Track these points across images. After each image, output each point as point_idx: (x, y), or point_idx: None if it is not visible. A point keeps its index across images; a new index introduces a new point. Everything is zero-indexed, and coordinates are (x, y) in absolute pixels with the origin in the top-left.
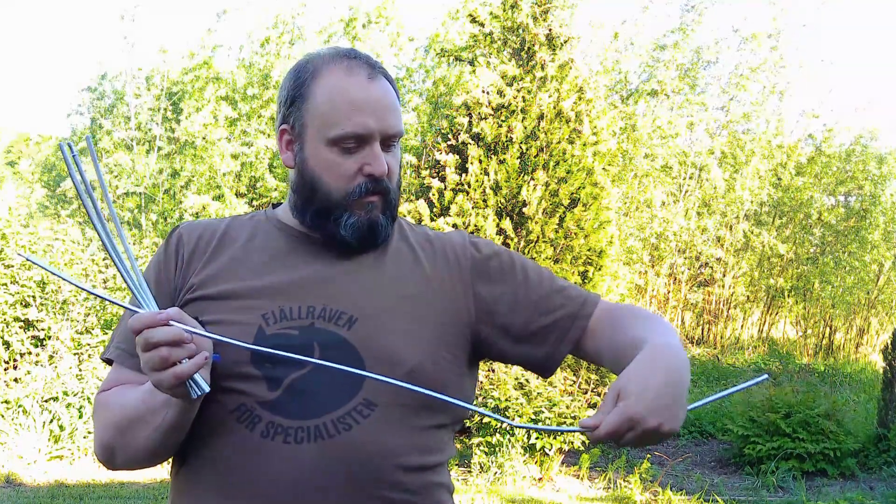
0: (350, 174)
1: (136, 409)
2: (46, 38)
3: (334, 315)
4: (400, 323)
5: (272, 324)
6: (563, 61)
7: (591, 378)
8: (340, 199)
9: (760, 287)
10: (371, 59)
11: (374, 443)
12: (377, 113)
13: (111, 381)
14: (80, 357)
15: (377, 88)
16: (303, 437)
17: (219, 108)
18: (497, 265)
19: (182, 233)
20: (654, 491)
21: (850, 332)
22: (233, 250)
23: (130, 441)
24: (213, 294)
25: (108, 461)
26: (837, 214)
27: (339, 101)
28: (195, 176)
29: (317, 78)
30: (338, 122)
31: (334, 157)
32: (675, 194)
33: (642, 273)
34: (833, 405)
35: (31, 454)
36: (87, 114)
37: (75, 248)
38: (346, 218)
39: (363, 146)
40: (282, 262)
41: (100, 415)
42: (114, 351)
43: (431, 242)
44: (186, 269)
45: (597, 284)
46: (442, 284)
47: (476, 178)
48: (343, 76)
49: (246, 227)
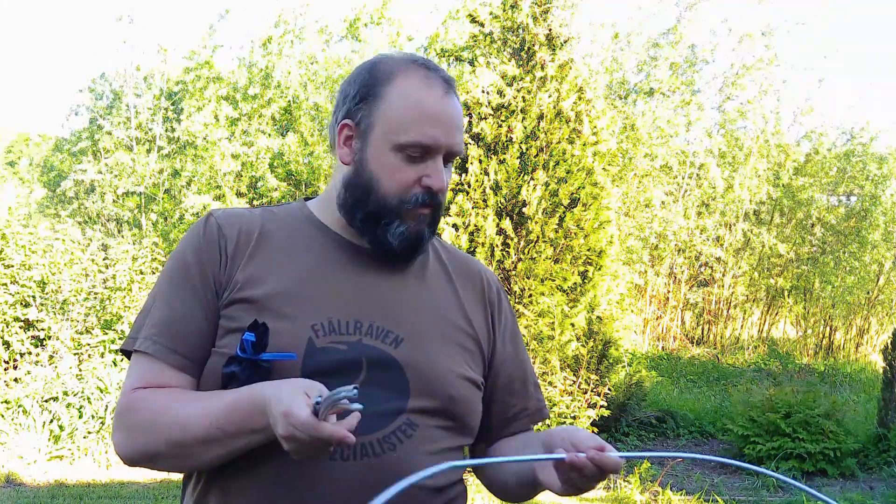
0: (409, 182)
1: (208, 432)
2: (46, 39)
3: (381, 333)
4: (441, 346)
5: (321, 336)
6: (563, 61)
7: (590, 378)
8: (394, 206)
9: (760, 287)
10: (447, 74)
11: (417, 462)
12: (448, 129)
13: (144, 378)
14: (80, 357)
15: (451, 105)
16: (349, 455)
17: (219, 108)
18: (511, 329)
19: (220, 223)
20: (654, 491)
21: (850, 332)
22: (274, 249)
23: (191, 457)
24: (258, 296)
25: (139, 464)
26: (837, 214)
27: (414, 109)
28: (196, 176)
29: (393, 81)
30: (409, 129)
31: (397, 163)
32: (674, 194)
33: (642, 273)
34: (833, 405)
35: (31, 454)
36: (86, 114)
37: (75, 248)
38: (397, 226)
39: (427, 158)
40: (327, 269)
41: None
42: (150, 345)
43: (465, 271)
44: (231, 265)
45: (597, 284)
46: (474, 314)
47: (476, 178)
48: (421, 85)
49: (283, 223)
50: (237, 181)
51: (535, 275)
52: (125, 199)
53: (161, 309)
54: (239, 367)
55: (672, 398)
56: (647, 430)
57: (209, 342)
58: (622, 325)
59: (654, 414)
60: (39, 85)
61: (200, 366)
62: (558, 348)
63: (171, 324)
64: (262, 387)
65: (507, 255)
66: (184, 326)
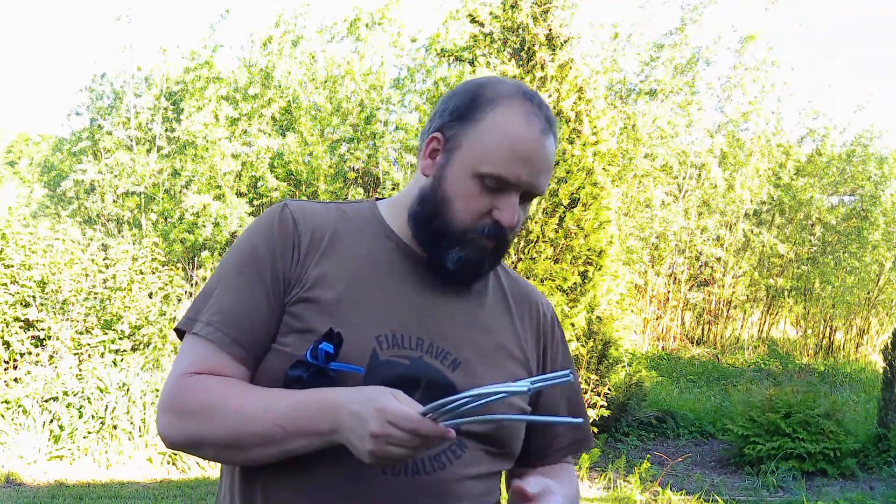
0: (481, 212)
1: (266, 430)
2: (46, 39)
3: (441, 353)
4: (495, 373)
5: (385, 348)
6: (563, 61)
7: (591, 378)
8: (459, 232)
9: (760, 287)
10: (549, 111)
11: (462, 484)
12: (533, 169)
13: (200, 364)
14: (80, 357)
15: (545, 147)
16: (400, 471)
17: (220, 108)
18: (563, 361)
19: (296, 216)
20: (654, 491)
21: (850, 332)
22: (343, 251)
23: (239, 452)
24: (326, 299)
25: (185, 450)
26: (838, 214)
27: (506, 144)
28: (196, 176)
29: (494, 109)
30: (495, 161)
31: (473, 190)
32: (674, 194)
33: (642, 273)
34: (833, 405)
35: (31, 454)
36: (86, 114)
37: (75, 248)
38: (457, 251)
39: (503, 191)
40: (394, 278)
41: (202, 407)
42: (212, 331)
43: (523, 298)
44: (303, 262)
45: (597, 284)
46: (526, 343)
47: None
48: (520, 120)
49: (354, 225)
50: (237, 181)
51: (535, 275)
52: (125, 199)
53: (226, 295)
54: (307, 373)
55: (672, 398)
56: (647, 430)
57: (271, 337)
58: (622, 325)
59: (654, 414)
60: (39, 85)
61: (259, 360)
62: None
63: (236, 313)
64: (335, 390)
65: (506, 256)
66: (248, 318)
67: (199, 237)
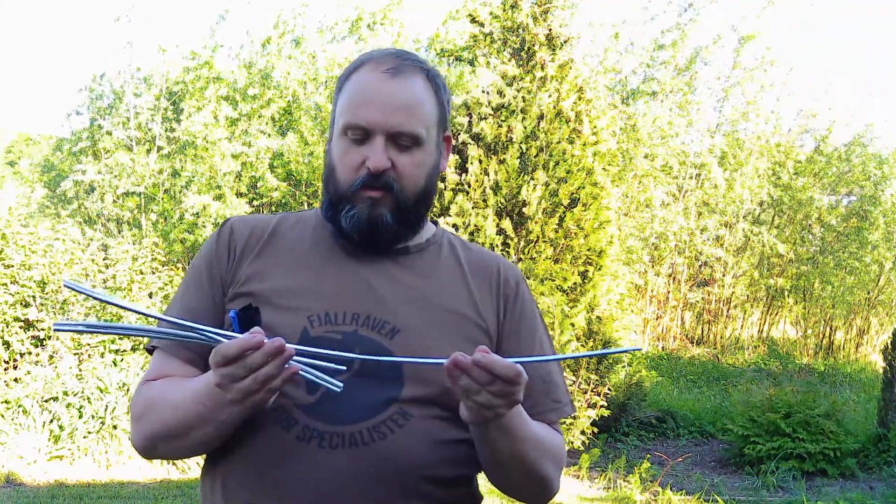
0: (355, 165)
1: (192, 410)
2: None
3: (378, 324)
4: (441, 336)
5: (317, 326)
6: (563, 61)
7: (590, 378)
8: (345, 190)
9: (760, 287)
10: (409, 56)
11: (406, 453)
12: (384, 108)
13: (155, 371)
14: (80, 357)
15: (393, 84)
16: (337, 443)
17: (219, 108)
18: (530, 324)
19: (234, 227)
20: (654, 491)
21: (850, 332)
22: (282, 249)
23: (182, 439)
24: (260, 291)
25: (147, 452)
26: (837, 214)
27: (354, 93)
28: (195, 176)
29: (352, 75)
30: (346, 113)
31: (345, 147)
32: (674, 194)
33: (642, 273)
34: (833, 405)
35: (31, 454)
36: (86, 114)
37: (75, 248)
38: (348, 210)
39: (369, 140)
40: (330, 266)
41: (146, 407)
42: (160, 340)
43: (481, 265)
44: (239, 262)
45: (597, 284)
46: (484, 307)
47: (476, 178)
48: (366, 70)
49: (295, 226)
50: (237, 181)
51: (535, 275)
52: (125, 200)
53: (174, 309)
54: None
55: (672, 398)
56: (647, 430)
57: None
58: (622, 325)
59: (654, 414)
60: (39, 85)
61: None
62: (558, 348)
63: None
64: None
65: (506, 255)
66: (192, 322)
67: (199, 237)
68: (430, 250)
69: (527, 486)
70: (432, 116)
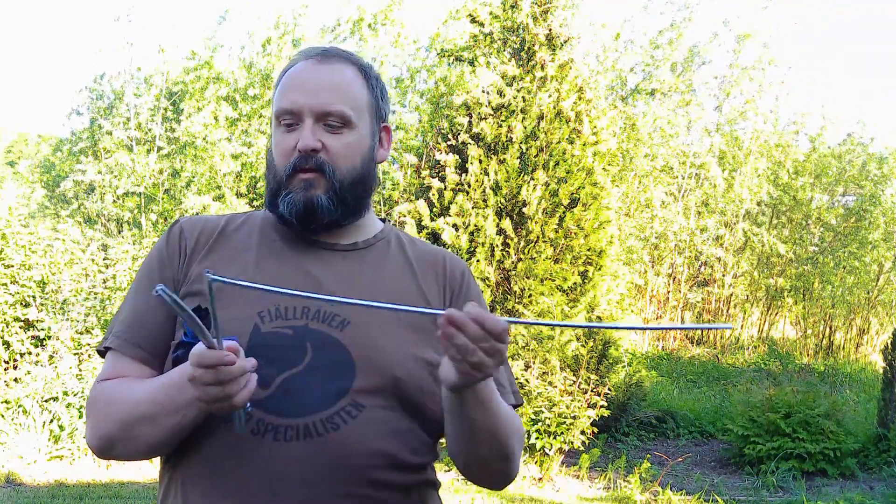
0: (288, 150)
1: (149, 409)
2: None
3: (328, 317)
4: (390, 329)
5: (268, 321)
6: (563, 61)
7: (590, 378)
8: (280, 177)
9: (760, 287)
10: (341, 51)
11: (359, 442)
12: (309, 90)
13: (109, 371)
14: (80, 357)
15: (319, 69)
16: (291, 436)
17: (219, 109)
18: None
19: (183, 227)
20: (654, 491)
21: (850, 332)
22: (232, 247)
23: (138, 437)
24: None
25: (104, 452)
26: (837, 214)
27: (285, 82)
28: (195, 176)
29: (288, 69)
30: (277, 101)
31: (279, 135)
32: (674, 194)
33: (642, 273)
34: (833, 405)
35: (31, 454)
36: (86, 114)
37: (75, 248)
38: (286, 195)
39: (299, 123)
40: (279, 261)
41: (100, 406)
42: (113, 340)
43: (428, 259)
44: (189, 261)
45: (597, 284)
46: (433, 298)
47: (476, 178)
48: (299, 62)
49: (244, 224)
50: (237, 181)
51: (535, 275)
52: (125, 200)
53: (126, 310)
54: (183, 351)
55: (672, 398)
56: (647, 430)
57: (168, 336)
58: None
59: (654, 414)
60: (39, 85)
61: (161, 358)
62: (558, 348)
63: (133, 321)
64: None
65: (507, 255)
66: (144, 322)
67: None
68: (378, 246)
69: (495, 462)
70: (362, 100)
